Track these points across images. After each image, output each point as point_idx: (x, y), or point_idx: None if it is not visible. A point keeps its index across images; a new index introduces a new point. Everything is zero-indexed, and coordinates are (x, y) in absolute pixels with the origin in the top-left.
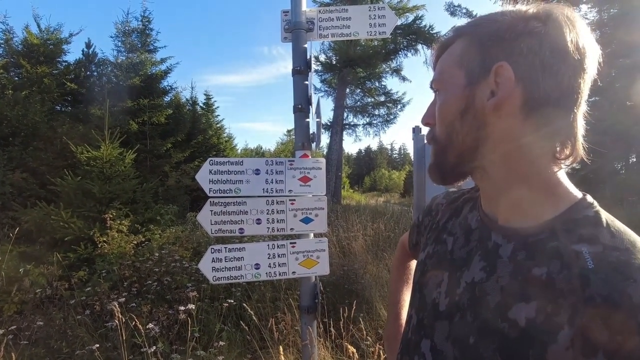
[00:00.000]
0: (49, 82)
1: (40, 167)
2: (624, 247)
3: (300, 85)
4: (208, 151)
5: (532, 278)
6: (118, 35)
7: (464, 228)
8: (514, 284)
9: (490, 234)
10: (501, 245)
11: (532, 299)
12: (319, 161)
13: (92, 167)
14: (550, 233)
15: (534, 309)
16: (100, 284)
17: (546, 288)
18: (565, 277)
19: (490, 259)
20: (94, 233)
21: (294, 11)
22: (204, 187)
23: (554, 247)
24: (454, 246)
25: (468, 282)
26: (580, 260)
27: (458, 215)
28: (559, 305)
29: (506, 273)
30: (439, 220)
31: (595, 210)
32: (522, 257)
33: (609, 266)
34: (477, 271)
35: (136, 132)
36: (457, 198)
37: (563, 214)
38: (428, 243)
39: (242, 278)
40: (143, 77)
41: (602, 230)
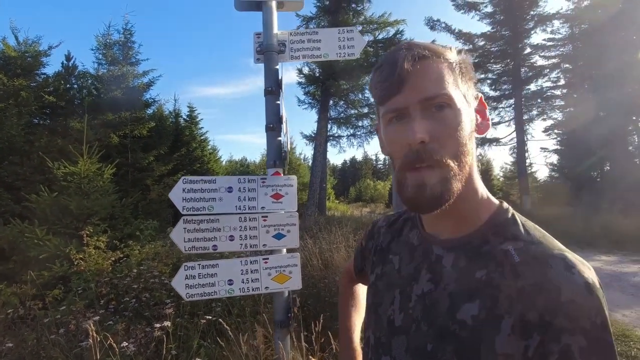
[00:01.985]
0: (27, 95)
1: (15, 182)
2: (537, 241)
3: (272, 105)
4: (192, 164)
5: (474, 280)
6: (99, 48)
7: (407, 246)
8: (459, 289)
9: (432, 248)
10: (443, 256)
11: (475, 298)
12: (291, 178)
13: (69, 183)
14: (482, 239)
15: (477, 307)
16: (76, 302)
17: (486, 287)
18: (500, 273)
19: (435, 270)
20: (70, 250)
21: (266, 34)
22: (178, 206)
23: (487, 250)
24: (400, 264)
25: (418, 294)
26: (509, 257)
27: (400, 235)
28: (497, 299)
29: (451, 280)
30: (382, 242)
31: (511, 213)
32: (463, 264)
33: (531, 258)
34: (425, 282)
35: (117, 145)
36: (396, 220)
37: (489, 220)
38: (376, 265)
39: (216, 294)
40: (125, 90)
41: (520, 229)
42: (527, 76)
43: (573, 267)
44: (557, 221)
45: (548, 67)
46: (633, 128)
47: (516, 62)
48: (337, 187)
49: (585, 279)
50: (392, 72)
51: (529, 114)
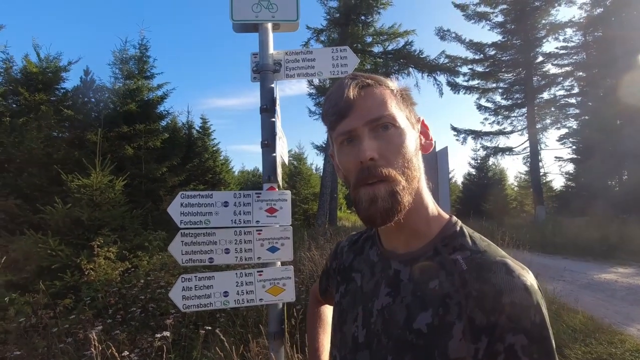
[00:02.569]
0: (47, 109)
1: (34, 193)
2: (482, 250)
3: (267, 123)
4: (204, 174)
5: (428, 290)
6: (116, 63)
7: (368, 263)
8: (415, 300)
9: (390, 263)
10: (400, 270)
11: (429, 307)
12: (285, 193)
13: (82, 195)
14: (434, 251)
15: (430, 315)
16: (85, 311)
17: (438, 295)
18: (450, 281)
19: (393, 284)
20: (81, 260)
21: (262, 54)
22: (175, 219)
23: (439, 260)
24: (362, 281)
25: (378, 309)
26: (457, 266)
27: (361, 253)
28: (448, 306)
29: (408, 292)
30: (344, 261)
31: (460, 226)
32: (417, 276)
33: (477, 266)
34: (384, 297)
35: (131, 156)
36: (358, 239)
37: (440, 233)
38: (340, 284)
39: (211, 305)
40: (139, 103)
41: (467, 240)
42: (540, 85)
43: (513, 271)
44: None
45: (561, 76)
46: None
47: (528, 70)
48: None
49: (523, 281)
50: (340, 99)
51: (543, 122)
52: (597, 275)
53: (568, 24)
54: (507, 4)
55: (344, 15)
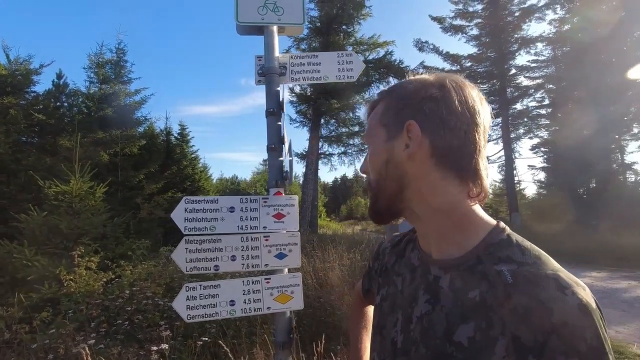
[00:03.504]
0: (15, 113)
1: (1, 201)
2: (532, 262)
3: (273, 126)
4: (182, 182)
5: (468, 301)
6: (91, 67)
7: (409, 267)
8: (455, 310)
9: (429, 268)
10: (440, 277)
11: (470, 320)
12: (292, 198)
13: (60, 202)
14: (476, 259)
15: (472, 328)
16: (66, 325)
17: (480, 307)
18: (493, 294)
19: (432, 291)
20: (60, 271)
21: (267, 57)
22: (180, 226)
23: (481, 270)
24: (403, 285)
25: (418, 316)
26: (502, 278)
27: (403, 256)
28: (492, 320)
29: (448, 301)
30: (386, 263)
31: (507, 233)
32: (458, 285)
33: (524, 279)
34: (423, 304)
35: (107, 163)
36: (400, 241)
37: (483, 240)
38: (381, 287)
39: (217, 315)
40: (116, 108)
41: (515, 250)
42: (513, 96)
43: (566, 287)
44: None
45: (533, 88)
46: (616, 146)
47: (502, 82)
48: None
49: (579, 299)
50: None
51: (516, 132)
52: None
53: (538, 39)
54: (482, 18)
55: (325, 24)
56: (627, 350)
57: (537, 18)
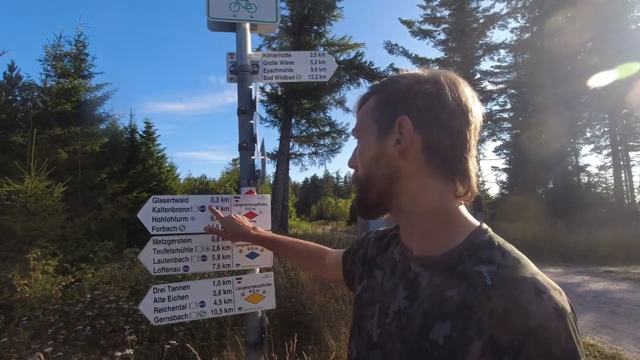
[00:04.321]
0: None
1: None
2: (512, 265)
3: (245, 125)
4: (148, 181)
5: (446, 299)
6: (48, 59)
7: (390, 262)
8: (432, 307)
9: (410, 265)
10: (420, 273)
11: (447, 318)
12: (264, 197)
13: (13, 202)
14: (458, 258)
15: (449, 327)
16: (20, 332)
17: (458, 307)
18: (472, 295)
19: (411, 287)
20: (13, 276)
21: (240, 54)
22: (147, 226)
23: (461, 270)
24: (383, 279)
25: (395, 311)
26: (482, 279)
27: (385, 250)
28: (469, 320)
29: (426, 298)
30: (370, 252)
31: (489, 235)
32: (437, 282)
33: (503, 282)
34: (402, 300)
35: (66, 161)
36: (384, 235)
37: (465, 240)
38: (362, 277)
39: (187, 317)
40: (75, 104)
41: (496, 252)
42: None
43: (543, 291)
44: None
45: (496, 92)
46: (571, 149)
47: None
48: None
49: (555, 303)
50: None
51: (481, 135)
52: None
53: (501, 46)
54: (449, 23)
55: (296, 24)
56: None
57: (500, 25)
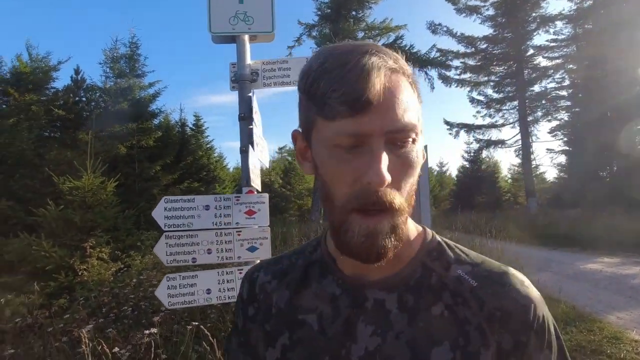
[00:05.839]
0: (37, 110)
1: (26, 195)
2: (480, 260)
3: (245, 130)
4: (198, 172)
5: (434, 319)
6: (106, 62)
7: (325, 298)
8: (419, 334)
9: (364, 294)
10: (384, 299)
11: (443, 340)
12: (263, 196)
13: (74, 197)
14: (423, 268)
15: (448, 349)
16: (79, 310)
17: (450, 323)
18: (462, 304)
19: (378, 320)
20: (75, 261)
21: (240, 64)
22: (160, 223)
23: (436, 279)
24: (321, 323)
25: (361, 355)
26: (464, 283)
27: (306, 287)
28: (468, 334)
29: (404, 326)
30: (276, 302)
31: (436, 236)
32: (413, 303)
33: (487, 280)
34: (367, 339)
35: (124, 155)
36: (286, 270)
37: (422, 247)
38: (276, 335)
39: (195, 302)
40: (131, 102)
41: (456, 251)
42: (531, 77)
43: (524, 281)
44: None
45: (552, 68)
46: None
47: (519, 63)
48: None
49: (536, 291)
50: (359, 83)
51: (534, 115)
52: (584, 266)
53: (558, 17)
54: None
55: (334, 10)
56: (625, 336)
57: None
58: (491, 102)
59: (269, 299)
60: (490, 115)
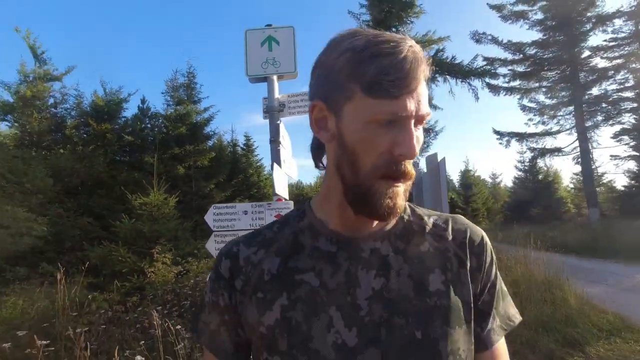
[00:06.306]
0: (111, 137)
1: (102, 212)
2: (439, 212)
3: (274, 151)
4: (249, 189)
5: (424, 254)
6: (168, 91)
7: (323, 257)
8: (416, 267)
9: (359, 246)
10: (379, 247)
11: (434, 267)
12: (289, 203)
13: (143, 211)
14: (403, 222)
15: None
16: (149, 306)
17: (436, 254)
18: (440, 239)
19: (378, 264)
20: (144, 265)
21: (270, 98)
22: (210, 225)
23: (418, 226)
24: (321, 279)
25: (369, 296)
26: (438, 226)
27: (300, 250)
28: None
29: (401, 263)
30: (268, 270)
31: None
32: (403, 246)
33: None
34: (373, 280)
35: (183, 175)
36: (271, 239)
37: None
38: (273, 298)
39: None
40: (189, 126)
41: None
42: (588, 81)
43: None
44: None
45: (612, 69)
46: None
47: (573, 67)
48: None
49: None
50: (410, 71)
51: (593, 119)
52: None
53: (616, 15)
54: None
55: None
56: None
57: None
58: (544, 108)
59: (258, 268)
60: (544, 123)
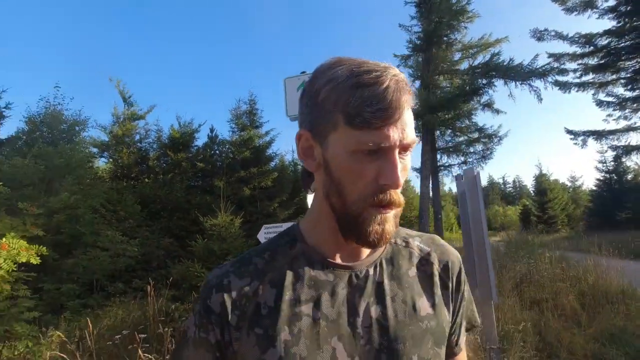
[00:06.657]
0: (186, 165)
1: (181, 233)
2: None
3: None
4: None
5: (413, 279)
6: (232, 119)
7: (320, 286)
8: (407, 292)
9: (355, 274)
10: (373, 274)
11: (423, 292)
12: None
13: (213, 231)
14: (390, 245)
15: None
16: None
17: (423, 278)
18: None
19: (374, 291)
20: None
21: None
22: (261, 241)
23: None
24: (322, 309)
25: (369, 325)
26: (423, 250)
27: (296, 280)
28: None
29: (395, 289)
30: (265, 301)
31: None
32: (395, 271)
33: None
34: (371, 308)
35: (248, 196)
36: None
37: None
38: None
39: None
40: (252, 150)
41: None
42: None
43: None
44: None
45: None
46: None
47: None
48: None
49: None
50: (392, 102)
51: None
52: None
53: None
54: None
55: (425, 40)
56: None
57: None
58: (625, 102)
59: (253, 302)
60: (626, 117)
